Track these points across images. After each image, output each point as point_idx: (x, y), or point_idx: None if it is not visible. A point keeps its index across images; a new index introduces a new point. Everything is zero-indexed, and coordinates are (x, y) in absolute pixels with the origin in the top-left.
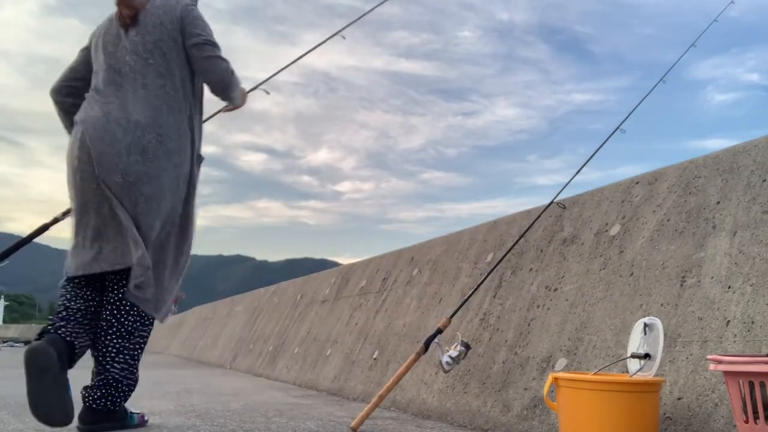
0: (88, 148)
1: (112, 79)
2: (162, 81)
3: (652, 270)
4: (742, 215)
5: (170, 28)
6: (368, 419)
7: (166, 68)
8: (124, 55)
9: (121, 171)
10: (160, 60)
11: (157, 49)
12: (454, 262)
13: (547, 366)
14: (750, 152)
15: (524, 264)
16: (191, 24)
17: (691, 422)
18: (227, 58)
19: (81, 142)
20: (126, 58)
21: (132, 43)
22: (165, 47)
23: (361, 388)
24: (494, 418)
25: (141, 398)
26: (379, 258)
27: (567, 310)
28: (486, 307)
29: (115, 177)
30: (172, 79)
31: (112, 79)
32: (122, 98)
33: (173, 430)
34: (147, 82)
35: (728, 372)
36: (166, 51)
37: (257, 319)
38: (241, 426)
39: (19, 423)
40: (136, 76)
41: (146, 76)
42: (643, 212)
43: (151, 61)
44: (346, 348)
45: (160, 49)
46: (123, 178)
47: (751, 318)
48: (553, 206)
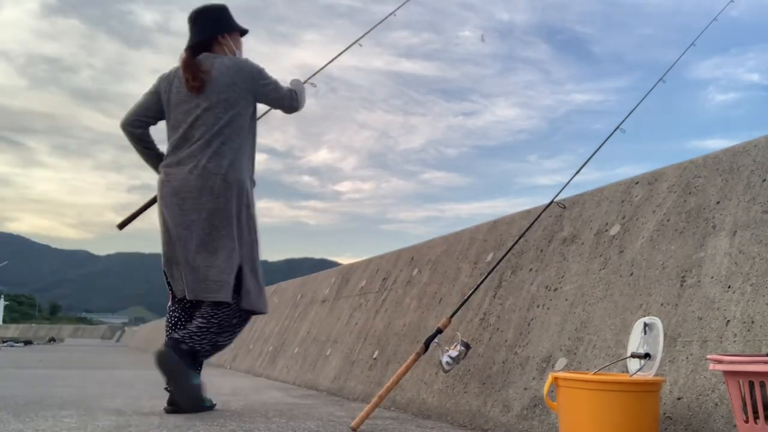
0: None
1: (187, 135)
2: (228, 131)
3: (652, 270)
4: (742, 215)
5: (242, 87)
6: (368, 419)
7: (232, 120)
8: (196, 111)
9: (198, 209)
10: (228, 114)
11: (227, 105)
12: (454, 262)
13: (547, 366)
14: (750, 152)
15: (524, 264)
16: (257, 81)
17: (691, 422)
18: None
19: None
20: (198, 113)
21: (205, 100)
22: (234, 102)
23: (361, 388)
24: (494, 418)
25: (141, 398)
26: (379, 258)
27: (567, 310)
28: (486, 307)
29: (194, 215)
30: (238, 128)
31: (187, 135)
32: (195, 150)
33: (173, 430)
34: (215, 133)
35: (728, 372)
36: (234, 105)
37: (257, 319)
38: (241, 426)
39: (19, 423)
40: (208, 129)
41: (214, 128)
42: (643, 212)
43: (221, 115)
44: (346, 348)
45: (229, 103)
46: (199, 215)
47: (751, 318)
48: (553, 206)
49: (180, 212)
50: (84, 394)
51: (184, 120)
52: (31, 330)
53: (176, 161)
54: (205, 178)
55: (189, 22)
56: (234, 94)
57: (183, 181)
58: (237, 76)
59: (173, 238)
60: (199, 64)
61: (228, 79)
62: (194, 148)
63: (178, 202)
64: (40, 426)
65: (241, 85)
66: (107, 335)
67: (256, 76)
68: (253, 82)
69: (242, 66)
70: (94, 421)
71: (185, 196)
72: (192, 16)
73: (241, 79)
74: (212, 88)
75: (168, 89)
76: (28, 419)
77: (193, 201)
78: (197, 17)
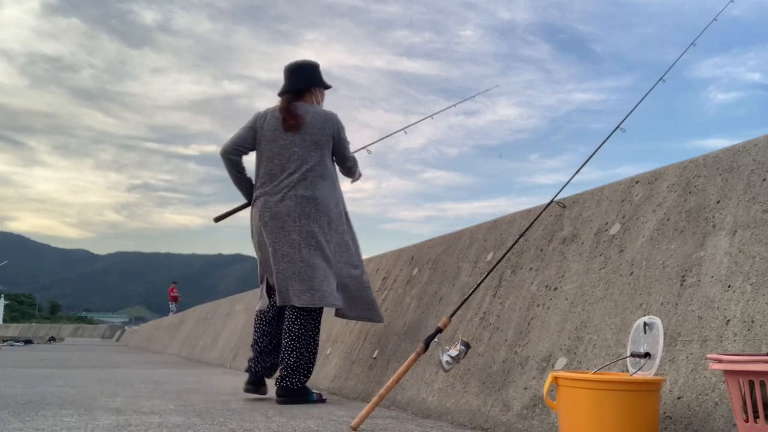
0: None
1: (284, 167)
2: (319, 167)
3: (652, 269)
4: (742, 214)
5: (328, 133)
6: (368, 418)
7: (322, 158)
8: (292, 147)
9: (297, 231)
10: (319, 153)
11: (318, 146)
12: (454, 261)
13: (547, 365)
14: (750, 151)
15: (524, 263)
16: (340, 133)
17: (691, 421)
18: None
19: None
20: (294, 149)
21: (300, 139)
22: (323, 144)
23: (361, 388)
24: (494, 417)
25: (141, 398)
26: (379, 257)
27: (567, 309)
28: (486, 306)
29: (293, 235)
30: (326, 165)
31: (284, 167)
32: (293, 181)
33: (173, 429)
34: (309, 168)
35: (728, 371)
36: (323, 146)
37: None
38: (241, 425)
39: (19, 422)
40: (303, 164)
41: (309, 164)
42: (643, 211)
43: (312, 153)
44: (346, 347)
45: (319, 145)
46: (299, 235)
47: (751, 317)
48: (553, 205)
49: (282, 233)
50: (84, 394)
51: (280, 154)
52: (31, 329)
53: (274, 190)
54: (303, 206)
55: (287, 71)
56: (323, 138)
57: (283, 207)
58: (326, 123)
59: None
60: (295, 108)
61: (319, 125)
62: (292, 179)
63: (280, 224)
64: (40, 425)
65: (328, 132)
66: (107, 335)
67: (340, 129)
68: (337, 133)
69: (331, 117)
70: (94, 420)
71: (285, 220)
72: (291, 67)
73: (329, 127)
74: (306, 130)
75: (262, 126)
76: (28, 418)
77: (292, 223)
78: (296, 69)
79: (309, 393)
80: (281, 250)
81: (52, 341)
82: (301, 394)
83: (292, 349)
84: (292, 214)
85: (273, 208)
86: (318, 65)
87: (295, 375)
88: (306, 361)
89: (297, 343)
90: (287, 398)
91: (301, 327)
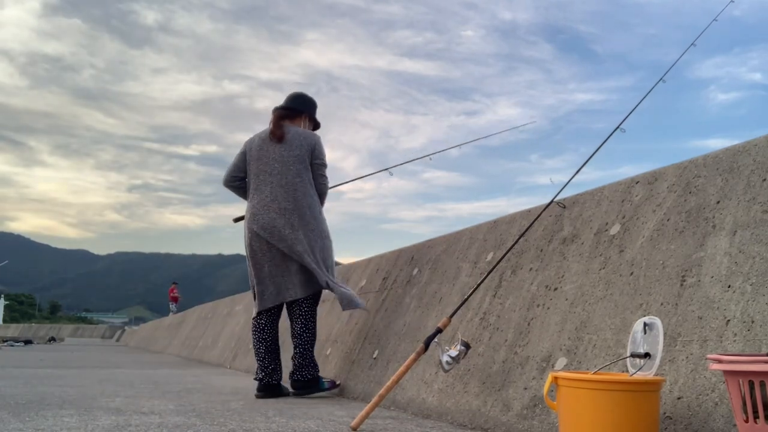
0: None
1: (267, 181)
2: (299, 179)
3: (652, 269)
4: (742, 215)
5: (307, 149)
6: (368, 419)
7: (301, 171)
8: (274, 164)
9: (283, 238)
10: (298, 167)
11: (299, 160)
12: (454, 261)
13: (547, 365)
14: (750, 152)
15: (524, 263)
16: (318, 152)
17: (691, 421)
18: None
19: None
20: (276, 165)
21: (281, 154)
22: (302, 159)
23: (361, 388)
24: (494, 418)
25: (140, 398)
26: (379, 257)
27: (567, 310)
28: (486, 306)
29: (280, 243)
30: (306, 179)
31: (266, 181)
32: (276, 193)
33: (173, 429)
34: (289, 181)
35: (728, 371)
36: (303, 161)
37: None
38: (241, 425)
39: (19, 422)
40: (283, 177)
41: (288, 177)
42: (643, 212)
43: (292, 167)
44: (346, 347)
45: (300, 159)
46: (285, 242)
47: (751, 317)
48: (553, 206)
49: (272, 241)
50: (84, 394)
51: (264, 170)
52: (31, 329)
53: (262, 203)
54: (287, 217)
55: (288, 96)
56: (302, 153)
57: (268, 218)
58: (305, 141)
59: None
60: (282, 124)
61: (299, 142)
62: (276, 192)
63: (268, 234)
64: (40, 425)
65: (306, 148)
66: (107, 335)
67: (316, 147)
68: (313, 150)
69: (312, 136)
70: (94, 420)
71: (272, 230)
72: (293, 94)
73: (307, 144)
74: (287, 146)
75: (250, 148)
76: (28, 419)
77: (278, 232)
78: (296, 96)
79: (320, 382)
80: (270, 257)
81: (52, 341)
82: (313, 384)
83: (297, 345)
84: (277, 224)
85: (260, 220)
86: (316, 103)
87: (304, 368)
88: (311, 353)
89: (300, 339)
90: (301, 390)
91: (303, 324)
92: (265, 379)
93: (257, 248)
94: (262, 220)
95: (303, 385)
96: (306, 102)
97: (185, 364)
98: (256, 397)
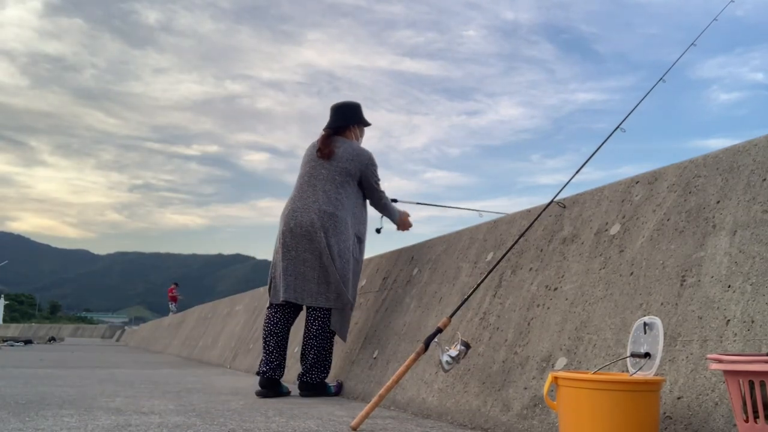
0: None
1: (312, 183)
2: (342, 190)
3: (652, 269)
4: (742, 215)
5: (357, 166)
6: (368, 418)
7: (346, 183)
8: (321, 171)
9: (318, 240)
10: (343, 178)
11: (345, 173)
12: (454, 261)
13: (547, 365)
14: (750, 151)
15: (524, 263)
16: (369, 169)
17: (691, 421)
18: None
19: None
20: (323, 173)
21: (330, 165)
22: (348, 173)
23: (361, 388)
24: (494, 418)
25: (140, 398)
26: (379, 257)
27: (567, 310)
28: (486, 306)
29: (311, 245)
30: (349, 190)
31: (311, 183)
32: (313, 196)
33: (173, 429)
34: (332, 189)
35: (728, 371)
36: (349, 174)
37: (257, 319)
38: (241, 425)
39: (18, 422)
40: (327, 184)
41: (332, 185)
42: (643, 211)
43: (337, 178)
44: (346, 347)
45: (346, 171)
46: (320, 245)
47: (751, 317)
48: (553, 205)
49: (305, 240)
50: (84, 394)
51: (310, 173)
52: (31, 329)
53: (303, 203)
54: (323, 220)
55: (331, 109)
56: (351, 168)
57: (307, 217)
58: (357, 157)
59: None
60: (331, 141)
61: (349, 157)
62: (318, 195)
63: (303, 232)
64: (40, 425)
65: (356, 164)
66: (107, 334)
67: (369, 165)
68: (365, 168)
69: (363, 153)
70: (94, 420)
71: (309, 229)
72: (335, 107)
73: (358, 161)
74: (336, 159)
75: (305, 153)
76: (28, 418)
77: (314, 234)
78: (338, 108)
79: (327, 387)
80: (302, 256)
81: (52, 341)
82: (320, 388)
83: (311, 347)
84: (315, 225)
85: (298, 218)
86: (359, 105)
87: (314, 371)
88: (323, 359)
89: (315, 341)
90: (308, 392)
91: (319, 327)
92: (268, 372)
93: (289, 243)
94: (301, 218)
95: (311, 387)
96: (348, 112)
97: (185, 364)
98: (256, 394)
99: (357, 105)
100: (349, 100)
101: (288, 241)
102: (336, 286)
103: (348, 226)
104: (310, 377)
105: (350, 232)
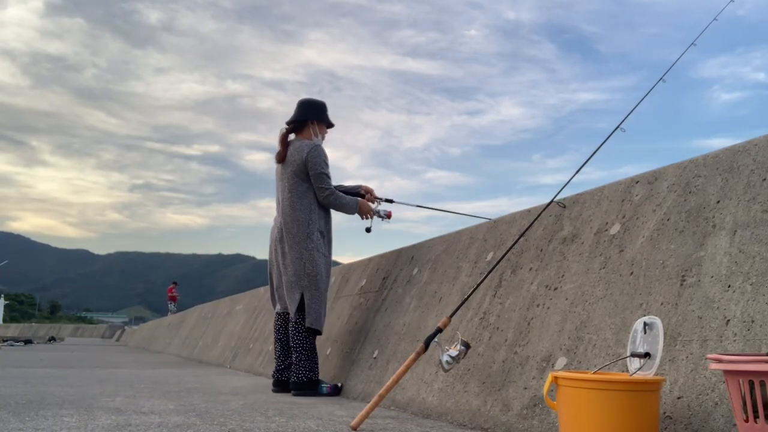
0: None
1: (278, 196)
2: (295, 193)
3: (652, 269)
4: (742, 214)
5: (302, 161)
6: (368, 418)
7: (296, 185)
8: (278, 180)
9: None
10: (295, 180)
11: (295, 174)
12: (454, 261)
13: (547, 365)
14: (750, 151)
15: (524, 263)
16: (313, 162)
17: (691, 421)
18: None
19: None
20: (279, 182)
21: (284, 170)
22: (299, 173)
23: (361, 388)
24: (494, 417)
25: (140, 398)
26: (379, 257)
27: (567, 309)
28: (486, 306)
29: (280, 259)
30: (303, 191)
31: (278, 196)
32: (278, 207)
33: (173, 429)
34: (288, 195)
35: (728, 371)
36: (299, 174)
37: (257, 318)
38: (241, 425)
39: (18, 422)
40: (285, 191)
41: (286, 192)
42: (643, 211)
43: (290, 180)
44: (346, 347)
45: (295, 173)
46: (282, 256)
47: (751, 317)
48: (553, 205)
49: (277, 252)
50: (84, 394)
51: (277, 181)
52: (31, 329)
53: (276, 219)
54: (288, 227)
55: (297, 105)
56: (297, 166)
57: (276, 231)
58: (301, 153)
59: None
60: (284, 143)
61: (297, 156)
62: (282, 205)
63: (274, 245)
64: (40, 425)
65: (300, 161)
66: (107, 334)
67: (309, 155)
68: (306, 161)
69: (308, 147)
70: (94, 420)
71: (276, 243)
72: (299, 101)
73: (299, 156)
74: (287, 163)
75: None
76: (28, 418)
77: (279, 245)
78: (303, 104)
79: (319, 386)
80: (278, 268)
81: (52, 341)
82: (310, 386)
83: (293, 348)
84: (278, 238)
85: (273, 232)
86: (324, 104)
87: (300, 370)
88: (305, 358)
89: (294, 342)
90: (298, 391)
91: (295, 329)
92: (275, 375)
93: (273, 258)
94: (274, 234)
95: (299, 386)
96: (308, 108)
97: (185, 363)
98: (272, 390)
99: (322, 103)
100: (316, 99)
101: (271, 256)
102: (293, 290)
103: (305, 226)
104: (297, 376)
105: (308, 230)
